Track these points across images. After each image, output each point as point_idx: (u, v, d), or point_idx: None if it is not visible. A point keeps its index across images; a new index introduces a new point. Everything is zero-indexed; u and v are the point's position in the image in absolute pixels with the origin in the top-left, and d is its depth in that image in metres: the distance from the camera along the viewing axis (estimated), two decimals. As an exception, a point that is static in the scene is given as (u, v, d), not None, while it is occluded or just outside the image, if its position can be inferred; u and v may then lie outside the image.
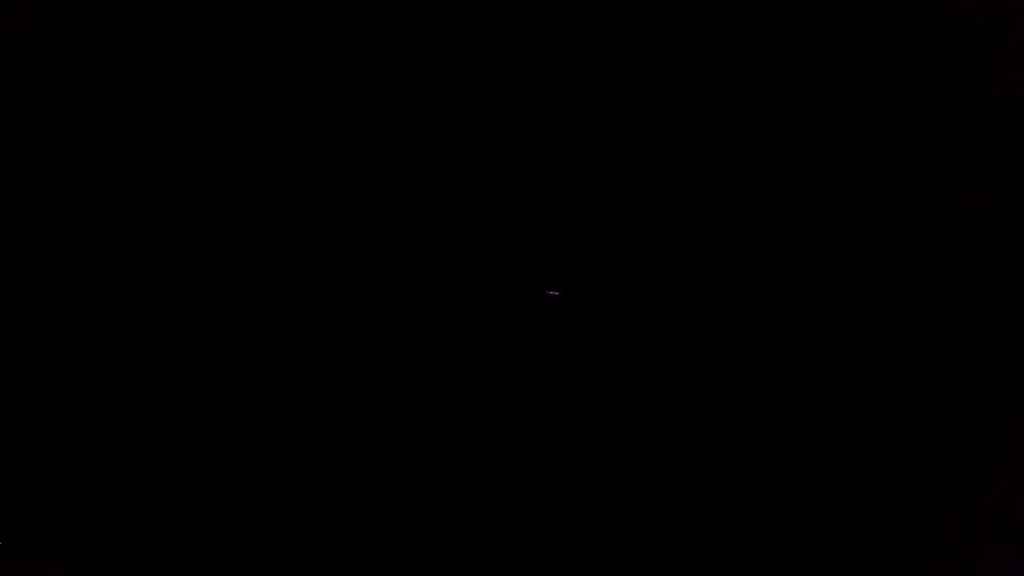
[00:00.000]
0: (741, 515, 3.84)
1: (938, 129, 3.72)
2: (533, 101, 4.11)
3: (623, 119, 4.07)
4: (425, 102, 4.14)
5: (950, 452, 3.63)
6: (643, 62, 3.98)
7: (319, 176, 4.28)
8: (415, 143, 4.17)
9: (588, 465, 3.98)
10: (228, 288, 4.42)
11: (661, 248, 4.07)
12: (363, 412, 4.38)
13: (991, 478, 3.54)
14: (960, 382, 3.68)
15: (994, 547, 3.48)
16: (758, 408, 3.89)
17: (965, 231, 3.73)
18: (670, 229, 4.06)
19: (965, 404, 3.66)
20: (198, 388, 4.31)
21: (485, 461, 4.08)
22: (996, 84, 3.60)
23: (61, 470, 4.22)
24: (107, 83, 4.08)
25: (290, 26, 4.05)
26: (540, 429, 4.04)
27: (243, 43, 4.07)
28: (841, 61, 3.80)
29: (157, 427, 4.27)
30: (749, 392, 3.91)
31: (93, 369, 4.32)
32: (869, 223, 3.86)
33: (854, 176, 3.87)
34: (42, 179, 4.15)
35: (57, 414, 4.30)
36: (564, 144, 4.13)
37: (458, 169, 4.18)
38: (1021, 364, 3.59)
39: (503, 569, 3.94)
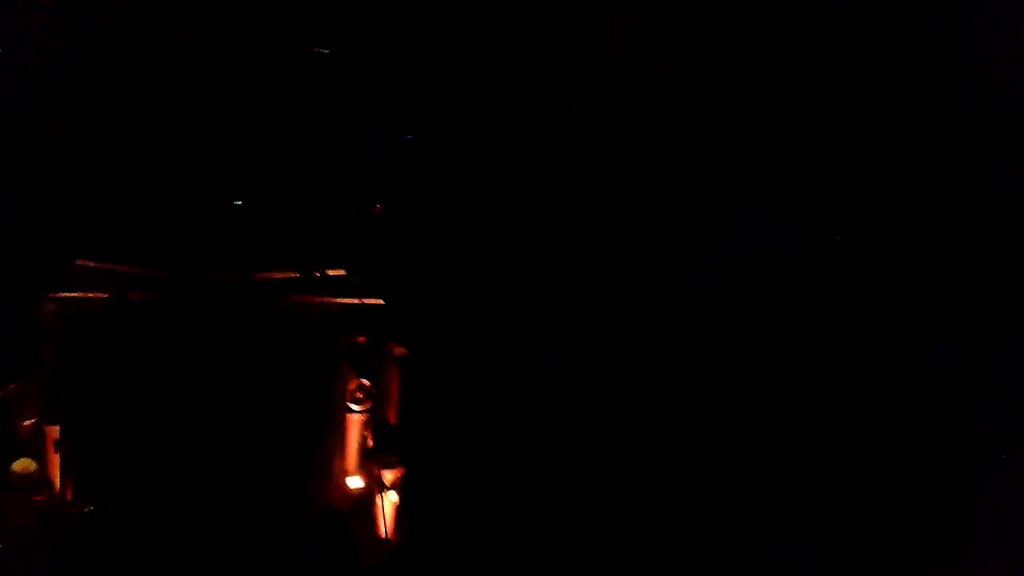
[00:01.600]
0: (741, 515, 3.85)
1: (938, 129, 3.73)
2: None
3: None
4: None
5: (950, 452, 3.63)
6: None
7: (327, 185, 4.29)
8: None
9: (588, 465, 3.99)
10: (229, 287, 4.42)
11: (661, 250, 4.08)
12: (362, 411, 4.38)
13: (991, 478, 3.55)
14: (960, 382, 3.68)
15: (994, 547, 3.49)
16: (758, 409, 3.90)
17: (965, 231, 3.73)
18: (669, 228, 4.07)
19: (965, 404, 3.67)
20: (198, 388, 4.32)
21: (485, 461, 4.09)
22: (996, 84, 3.60)
23: (62, 472, 4.23)
24: (106, 83, 4.08)
25: (289, 26, 4.05)
26: (540, 429, 4.05)
27: (241, 40, 4.08)
28: (841, 61, 3.81)
29: (158, 428, 4.27)
30: (749, 393, 3.92)
31: (93, 369, 4.32)
32: (868, 223, 3.86)
33: (853, 176, 3.87)
34: (42, 180, 4.15)
35: (57, 416, 4.30)
36: (563, 148, 4.14)
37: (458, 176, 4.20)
38: (1021, 364, 3.60)
39: (503, 569, 3.95)
